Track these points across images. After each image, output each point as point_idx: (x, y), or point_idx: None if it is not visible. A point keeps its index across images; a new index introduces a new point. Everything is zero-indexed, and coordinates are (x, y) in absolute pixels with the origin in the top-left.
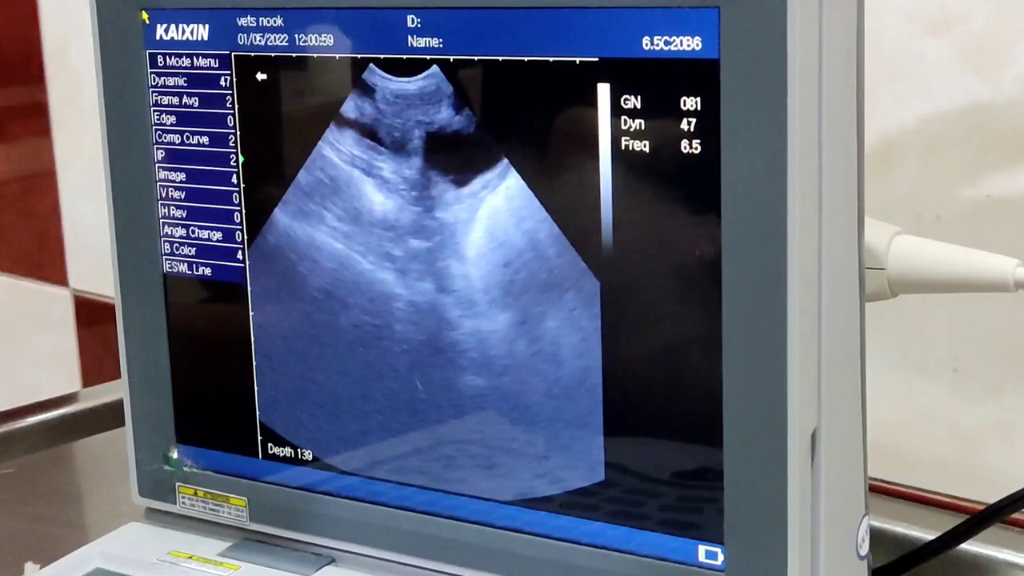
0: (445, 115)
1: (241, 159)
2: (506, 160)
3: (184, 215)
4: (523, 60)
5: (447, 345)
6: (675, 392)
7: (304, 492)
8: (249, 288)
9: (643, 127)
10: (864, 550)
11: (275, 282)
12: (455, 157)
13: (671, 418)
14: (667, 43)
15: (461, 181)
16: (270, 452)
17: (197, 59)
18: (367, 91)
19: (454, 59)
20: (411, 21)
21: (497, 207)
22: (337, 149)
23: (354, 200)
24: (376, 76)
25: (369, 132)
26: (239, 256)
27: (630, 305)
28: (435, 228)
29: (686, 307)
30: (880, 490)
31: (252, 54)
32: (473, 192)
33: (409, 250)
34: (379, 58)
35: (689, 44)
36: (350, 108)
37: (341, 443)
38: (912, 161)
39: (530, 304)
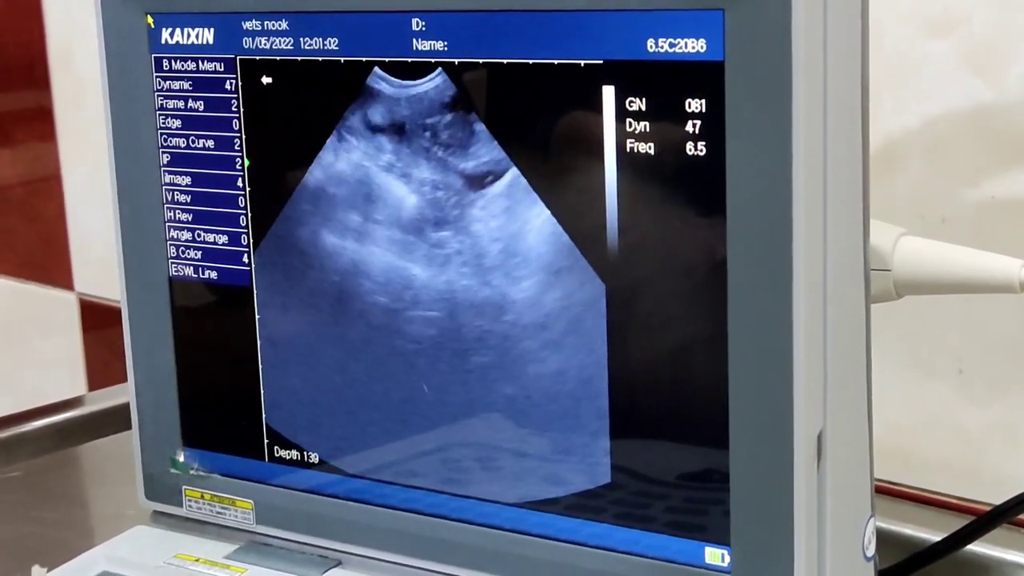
0: (450, 118)
1: (246, 162)
2: (511, 163)
3: (190, 219)
4: (528, 63)
5: (452, 349)
6: (681, 394)
7: (310, 495)
8: (255, 291)
9: (648, 129)
10: (870, 551)
11: (281, 285)
12: (460, 160)
13: (677, 420)
14: (672, 45)
15: (465, 184)
16: (276, 455)
17: (202, 63)
18: (372, 94)
19: (459, 62)
20: (416, 24)
21: (502, 210)
22: (342, 152)
23: (358, 203)
24: (381, 79)
25: (373, 135)
26: (245, 259)
27: (636, 308)
28: (440, 232)
29: (692, 309)
30: (886, 491)
31: (257, 58)
32: (477, 195)
33: (412, 255)
34: (384, 61)
35: (694, 46)
36: (355, 111)
37: (347, 446)
38: (917, 163)
39: (535, 307)
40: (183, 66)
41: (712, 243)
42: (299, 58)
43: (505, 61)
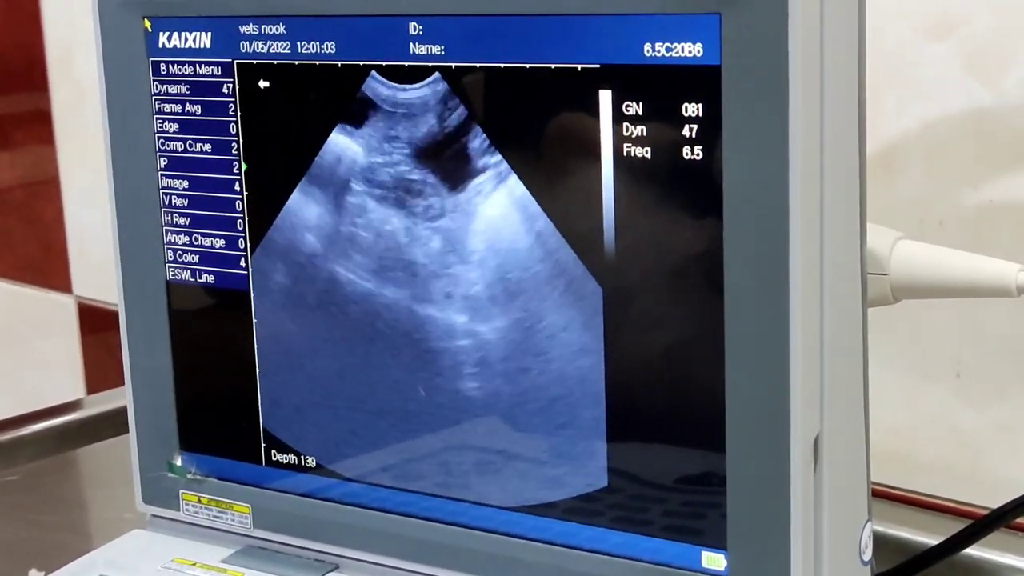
0: (447, 122)
1: (244, 167)
2: (508, 167)
3: (187, 223)
4: (525, 67)
5: (451, 351)
6: (678, 397)
7: (307, 499)
8: (252, 295)
9: (645, 133)
10: (867, 555)
11: (278, 289)
12: (458, 164)
13: (674, 423)
14: (668, 50)
15: (464, 188)
16: (273, 459)
17: (200, 67)
18: (369, 99)
19: (456, 66)
20: (413, 28)
21: (500, 214)
22: (339, 156)
23: (357, 207)
24: (378, 84)
25: (371, 139)
26: (242, 263)
27: (632, 311)
28: (439, 236)
29: (688, 313)
30: (883, 495)
31: (254, 62)
32: (476, 199)
33: (413, 257)
34: (381, 65)
35: (691, 51)
36: (352, 116)
37: (344, 450)
38: (915, 166)
39: (533, 310)
40: (180, 70)
41: (708, 247)
42: (296, 62)
43: (502, 65)
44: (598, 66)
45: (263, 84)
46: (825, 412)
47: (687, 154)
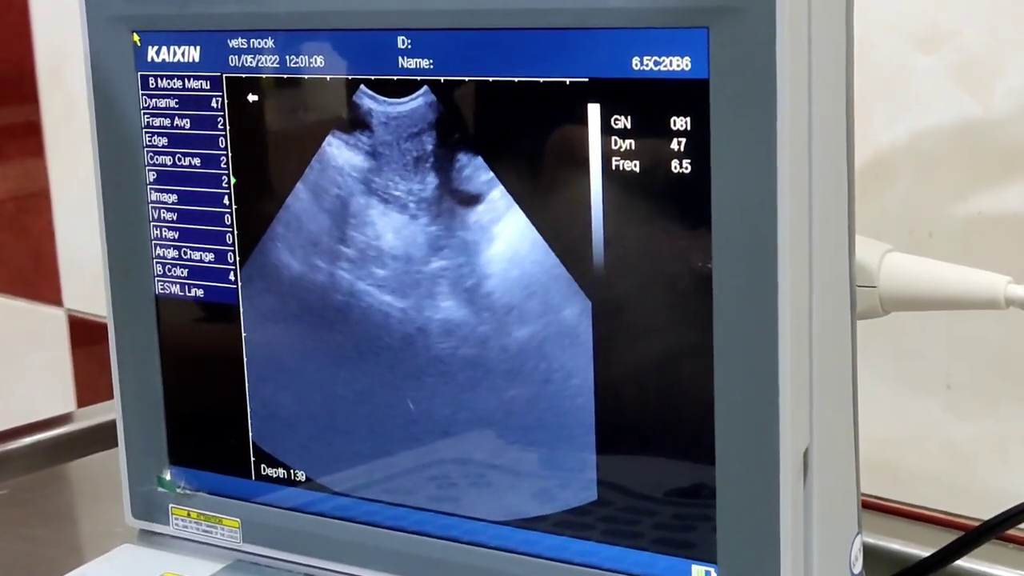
0: (436, 136)
1: (233, 180)
2: (497, 180)
3: (176, 236)
4: (514, 81)
5: (439, 365)
6: (667, 411)
7: (297, 513)
8: (242, 309)
9: (633, 147)
10: (858, 568)
11: (268, 303)
12: (446, 178)
13: (664, 436)
14: (657, 63)
15: (451, 202)
16: (263, 473)
17: (188, 81)
18: (358, 112)
19: (445, 80)
20: (402, 42)
21: (487, 227)
22: (328, 170)
23: (343, 220)
24: (367, 97)
25: (359, 153)
26: (231, 277)
27: (622, 324)
28: (428, 249)
29: (677, 326)
30: (874, 507)
31: (243, 76)
32: (463, 213)
33: (397, 270)
34: (370, 79)
35: (679, 64)
36: (341, 129)
37: (334, 464)
38: (904, 178)
39: (521, 323)
40: (169, 84)
41: (697, 260)
42: (285, 76)
43: (491, 79)
44: (586, 80)
45: (252, 98)
46: (815, 425)
47: (675, 167)
